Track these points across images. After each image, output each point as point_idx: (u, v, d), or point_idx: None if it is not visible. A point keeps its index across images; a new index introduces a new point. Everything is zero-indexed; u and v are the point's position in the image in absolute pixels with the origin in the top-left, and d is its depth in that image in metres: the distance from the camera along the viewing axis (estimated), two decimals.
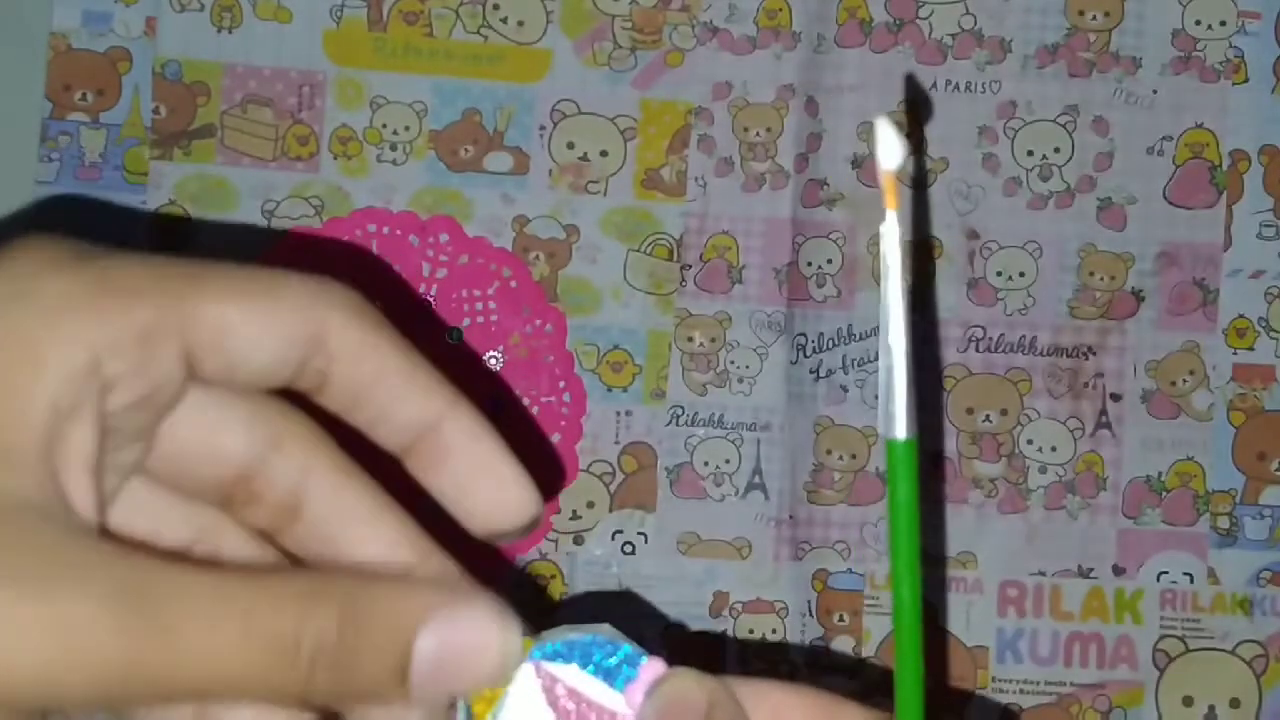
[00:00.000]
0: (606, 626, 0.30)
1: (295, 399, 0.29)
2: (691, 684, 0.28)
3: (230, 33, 0.59)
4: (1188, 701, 0.59)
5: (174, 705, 0.27)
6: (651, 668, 0.29)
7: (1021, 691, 0.59)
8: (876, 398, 0.59)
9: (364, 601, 0.25)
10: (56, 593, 0.23)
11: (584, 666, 0.29)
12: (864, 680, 0.58)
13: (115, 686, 0.24)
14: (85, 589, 0.24)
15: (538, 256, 0.59)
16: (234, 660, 0.24)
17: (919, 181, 0.60)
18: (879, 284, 0.59)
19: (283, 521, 0.29)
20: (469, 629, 0.26)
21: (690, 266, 0.59)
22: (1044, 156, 0.60)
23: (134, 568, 0.24)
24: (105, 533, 0.26)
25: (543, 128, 0.60)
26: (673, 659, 0.29)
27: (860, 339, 0.59)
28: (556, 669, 0.29)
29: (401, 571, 0.29)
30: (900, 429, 0.29)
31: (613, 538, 0.59)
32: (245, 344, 0.27)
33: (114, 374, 0.25)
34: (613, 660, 0.29)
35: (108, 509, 0.27)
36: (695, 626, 0.58)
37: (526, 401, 0.59)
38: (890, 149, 0.28)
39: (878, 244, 0.60)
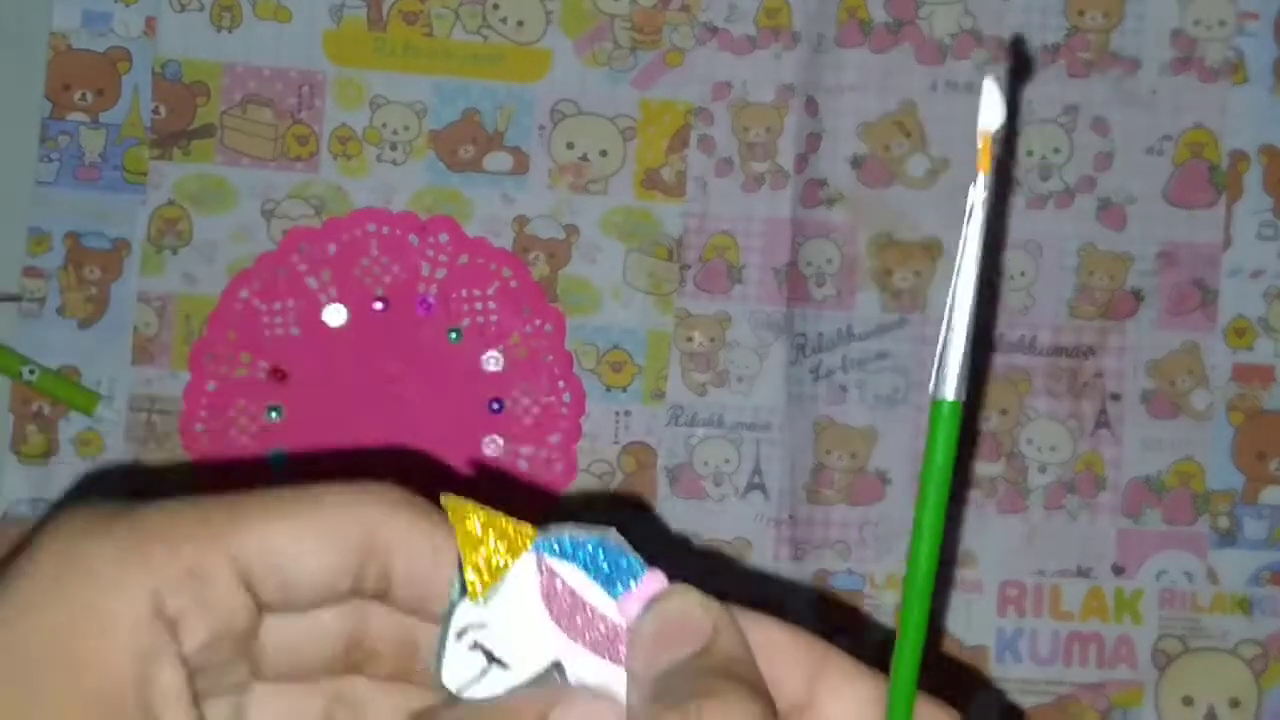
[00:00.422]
0: (613, 532, 0.29)
1: None
2: (695, 604, 0.28)
3: (230, 33, 0.59)
4: (1187, 701, 0.59)
5: None
6: (652, 581, 0.28)
7: (1021, 691, 0.59)
8: (875, 397, 0.59)
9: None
10: None
11: (585, 568, 0.29)
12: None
13: None
14: None
15: (538, 256, 0.59)
16: None
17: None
18: (877, 287, 0.60)
19: (409, 662, 0.30)
20: (579, 714, 0.28)
21: (690, 266, 0.59)
22: (1043, 156, 0.60)
23: None
24: None
25: (542, 128, 0.60)
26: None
27: (860, 339, 0.59)
28: (558, 565, 0.29)
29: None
30: (950, 390, 0.28)
31: None
32: (297, 564, 0.28)
33: (176, 611, 0.26)
34: (613, 567, 0.29)
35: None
36: None
37: (526, 401, 0.59)
38: (992, 110, 0.28)
39: (877, 244, 0.60)
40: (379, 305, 0.59)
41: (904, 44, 0.60)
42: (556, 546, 0.29)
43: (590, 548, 0.29)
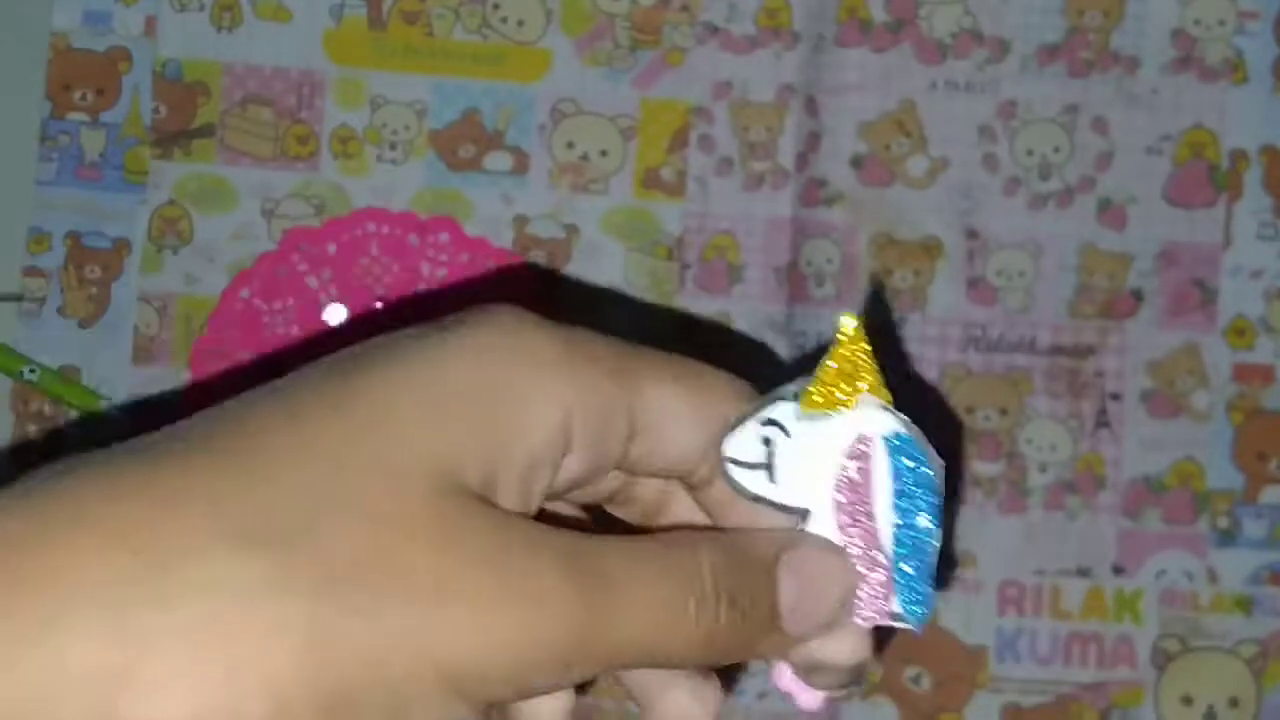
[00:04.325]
0: (940, 468, 0.29)
1: None
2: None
3: (230, 32, 0.59)
4: (1187, 701, 0.59)
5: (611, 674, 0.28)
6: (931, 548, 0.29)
7: (1021, 691, 0.59)
8: None
9: (738, 542, 0.28)
10: (519, 581, 0.25)
11: (896, 476, 0.29)
12: (863, 680, 0.58)
13: (576, 657, 0.25)
14: (541, 564, 0.25)
15: (538, 256, 0.59)
16: (668, 614, 0.26)
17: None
18: (875, 287, 0.59)
19: (650, 517, 0.32)
20: (815, 558, 0.29)
21: (690, 266, 0.59)
22: (1044, 156, 0.60)
23: (575, 539, 0.26)
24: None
25: (542, 127, 0.60)
26: None
27: None
28: (880, 447, 0.29)
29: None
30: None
31: None
32: (675, 430, 0.29)
33: (577, 439, 0.27)
34: (915, 507, 0.29)
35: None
36: None
37: None
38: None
39: (877, 244, 0.60)
40: (379, 305, 0.59)
41: (904, 44, 0.60)
42: (896, 440, 0.29)
43: (921, 471, 0.29)
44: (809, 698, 0.30)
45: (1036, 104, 0.60)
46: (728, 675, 0.34)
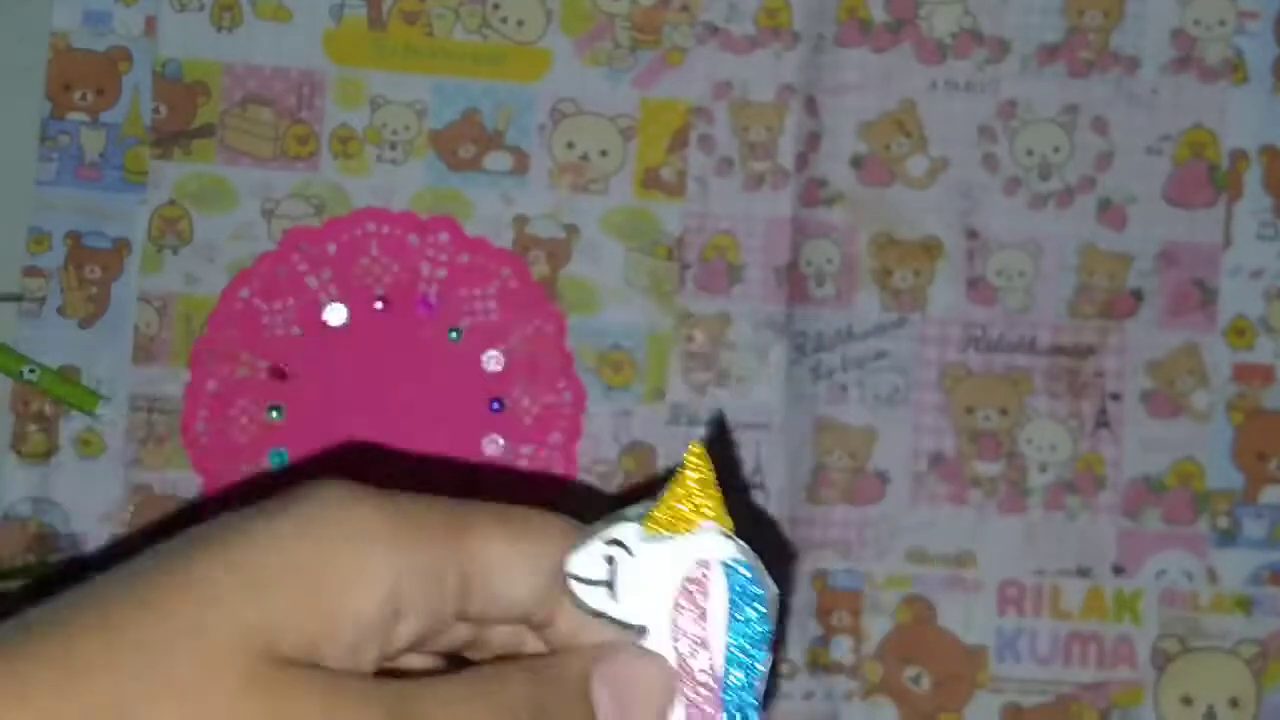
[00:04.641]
0: (775, 596, 0.30)
1: None
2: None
3: (230, 32, 0.59)
4: (1187, 701, 0.59)
5: None
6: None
7: (1021, 691, 0.59)
8: (875, 397, 0.59)
9: (551, 664, 0.30)
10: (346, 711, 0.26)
11: (731, 602, 0.30)
12: (863, 681, 0.58)
13: None
14: (369, 715, 0.26)
15: (538, 256, 0.59)
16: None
17: None
18: (877, 287, 0.60)
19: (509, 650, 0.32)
20: (628, 666, 0.30)
21: (690, 266, 0.59)
22: (1043, 156, 0.60)
23: (399, 687, 0.27)
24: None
25: (542, 127, 0.60)
26: None
27: (860, 338, 0.59)
28: (717, 575, 0.30)
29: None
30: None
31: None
32: (505, 581, 0.29)
33: (407, 605, 0.27)
34: (748, 631, 0.30)
35: None
36: None
37: (527, 401, 0.59)
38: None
39: (877, 243, 0.60)
40: (379, 305, 0.59)
41: (904, 44, 0.60)
42: (735, 565, 0.30)
43: (756, 602, 0.30)
44: None
45: (1036, 104, 0.60)
46: None
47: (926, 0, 0.60)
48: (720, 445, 0.59)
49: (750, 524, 0.54)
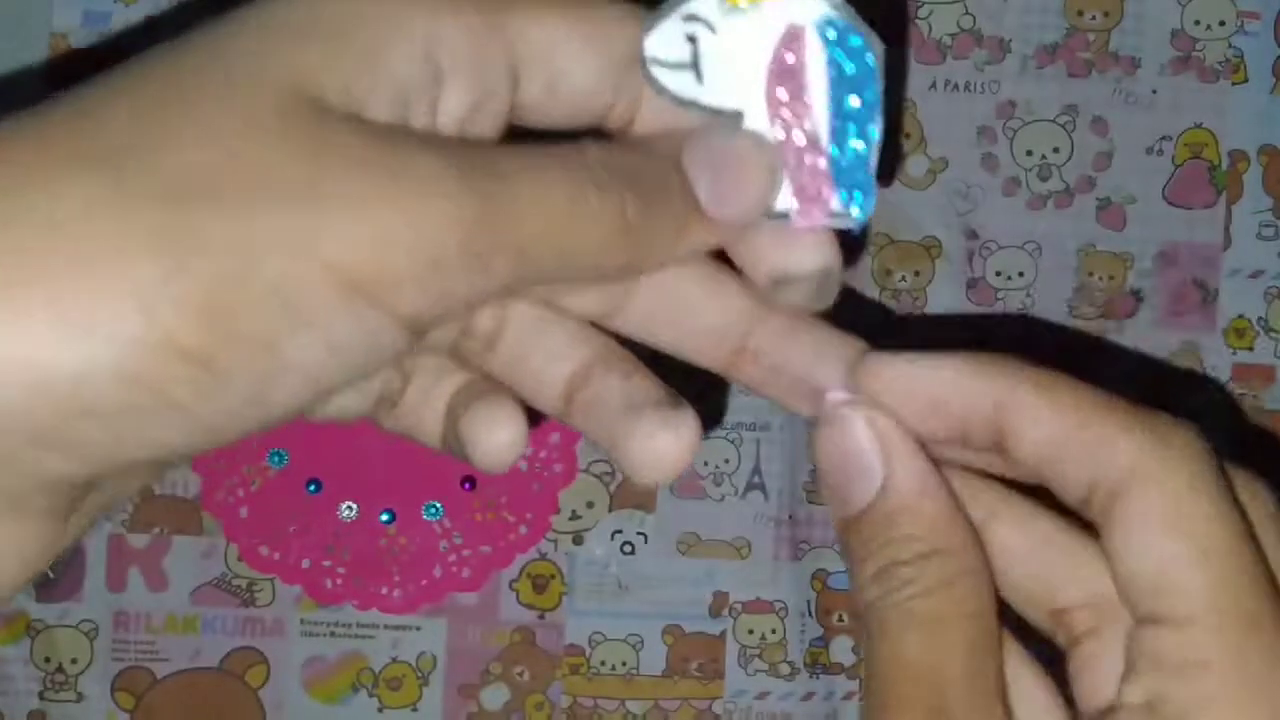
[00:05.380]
0: (882, 53, 0.27)
1: None
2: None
3: None
4: None
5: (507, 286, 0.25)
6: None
7: None
8: None
9: (631, 140, 0.27)
10: (406, 177, 0.23)
11: (832, 67, 0.26)
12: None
13: (483, 246, 0.23)
14: (427, 160, 0.23)
15: None
16: (569, 203, 0.25)
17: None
18: (877, 287, 0.59)
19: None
20: (723, 140, 0.27)
21: None
22: (1043, 156, 0.60)
23: (459, 141, 0.25)
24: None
25: None
26: (673, 659, 0.28)
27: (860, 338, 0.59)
28: (812, 40, 0.26)
29: None
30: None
31: (612, 538, 0.59)
32: (568, 60, 0.26)
33: (447, 66, 0.25)
34: (855, 100, 0.27)
35: None
36: (695, 627, 0.58)
37: None
38: None
39: (877, 244, 0.60)
40: None
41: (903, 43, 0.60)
42: (830, 25, 0.26)
43: (856, 55, 0.27)
44: (803, 219, 0.28)
45: (1036, 104, 0.60)
46: (706, 416, 0.32)
47: (926, 1, 0.60)
48: None
49: None
